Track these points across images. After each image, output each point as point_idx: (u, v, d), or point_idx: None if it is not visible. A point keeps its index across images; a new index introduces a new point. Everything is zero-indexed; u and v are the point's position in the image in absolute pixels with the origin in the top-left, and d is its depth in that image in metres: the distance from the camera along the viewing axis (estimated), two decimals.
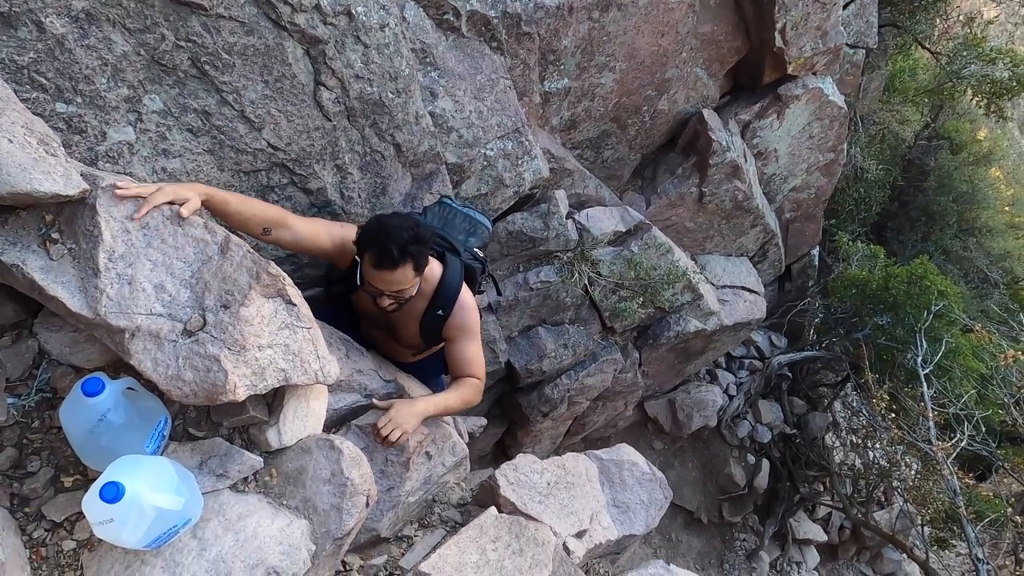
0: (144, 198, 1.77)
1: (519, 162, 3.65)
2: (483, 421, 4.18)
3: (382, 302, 2.31)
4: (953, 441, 5.78)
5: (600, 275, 4.41)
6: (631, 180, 5.32)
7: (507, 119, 3.50)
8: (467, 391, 2.50)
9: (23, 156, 1.56)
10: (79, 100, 2.10)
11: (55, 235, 1.69)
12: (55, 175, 1.60)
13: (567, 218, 4.23)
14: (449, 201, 2.93)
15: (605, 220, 4.40)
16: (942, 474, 5.64)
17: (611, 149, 4.85)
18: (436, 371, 2.98)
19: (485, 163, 3.49)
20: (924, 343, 6.48)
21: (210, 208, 2.04)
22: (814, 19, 4.81)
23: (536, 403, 4.81)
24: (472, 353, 2.54)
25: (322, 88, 2.63)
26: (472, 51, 3.35)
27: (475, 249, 2.84)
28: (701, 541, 7.19)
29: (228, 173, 2.53)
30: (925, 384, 6.25)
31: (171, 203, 1.83)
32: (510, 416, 5.18)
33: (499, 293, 3.70)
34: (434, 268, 2.50)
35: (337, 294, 2.63)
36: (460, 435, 2.89)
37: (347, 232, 2.40)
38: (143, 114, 2.26)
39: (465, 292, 2.55)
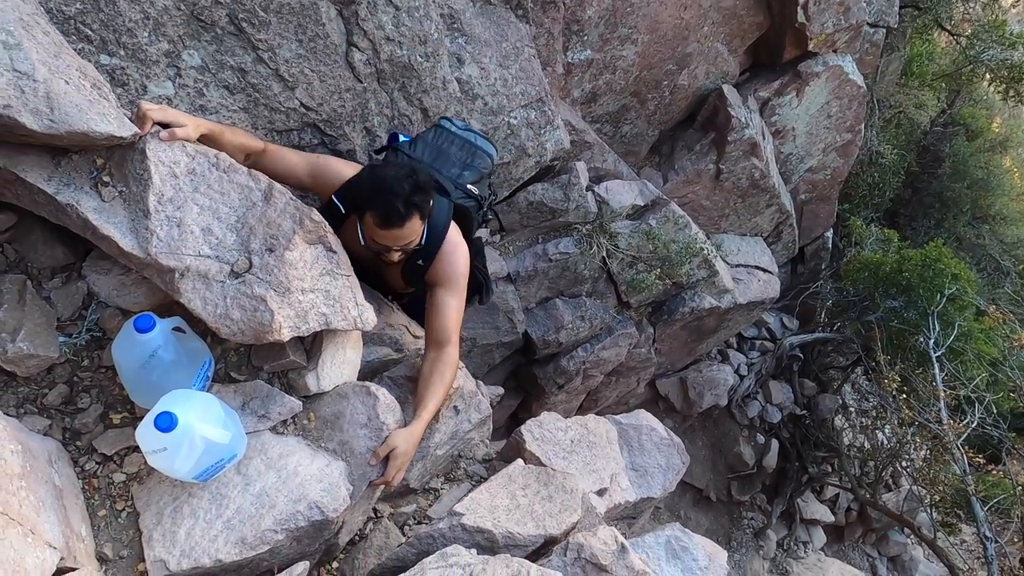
0: (145, 114, 1.77)
1: (541, 132, 3.67)
2: (500, 390, 4.23)
3: (389, 257, 2.17)
4: (964, 422, 5.81)
5: (618, 248, 4.45)
6: (648, 156, 5.34)
7: (531, 88, 3.53)
8: (447, 376, 2.23)
9: (79, 97, 1.60)
10: (122, 53, 2.15)
11: (106, 178, 1.74)
12: (109, 117, 1.64)
13: (586, 190, 4.26)
14: (448, 124, 2.58)
15: (624, 193, 4.42)
16: (952, 454, 5.68)
17: (630, 124, 4.87)
18: None
19: (508, 131, 3.51)
20: (937, 326, 6.49)
21: (206, 142, 1.96)
22: None
23: (552, 375, 4.86)
24: (451, 311, 2.26)
25: (354, 49, 2.67)
26: (498, 18, 3.37)
27: (468, 186, 2.51)
28: (709, 518, 7.26)
29: (262, 131, 2.57)
30: (937, 367, 6.27)
31: (167, 125, 1.81)
32: (525, 388, 5.24)
33: (501, 228, 3.26)
34: None
35: None
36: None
37: (325, 164, 2.24)
38: (182, 69, 2.30)
39: (452, 237, 2.30)
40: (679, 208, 4.70)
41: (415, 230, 2.09)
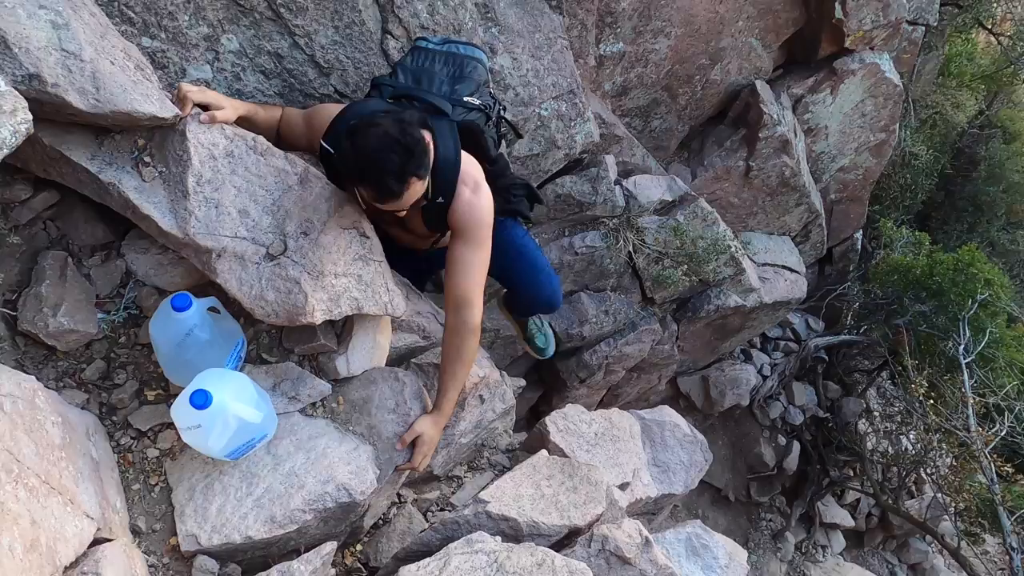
0: (185, 96, 1.79)
1: (571, 124, 3.65)
2: (522, 382, 4.23)
3: (396, 214, 1.96)
4: (993, 430, 5.69)
5: (644, 243, 4.42)
6: (677, 151, 5.29)
7: (562, 79, 3.50)
8: (465, 350, 2.06)
9: (124, 78, 1.63)
10: (163, 36, 2.17)
11: (147, 159, 1.77)
12: (152, 98, 1.67)
13: (615, 184, 4.23)
14: (424, 43, 2.31)
15: (653, 188, 4.39)
16: (979, 463, 5.57)
17: (660, 118, 4.82)
18: None
19: (539, 123, 3.50)
20: (967, 332, 6.36)
21: (243, 124, 1.96)
22: None
23: (574, 368, 4.85)
24: (470, 267, 2.02)
25: (389, 37, 2.67)
26: (532, 8, 3.35)
27: (466, 98, 2.20)
28: (727, 518, 7.21)
29: None
30: (966, 373, 6.15)
31: (206, 107, 1.83)
32: (546, 382, 5.24)
33: (518, 135, 2.80)
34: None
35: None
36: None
37: (315, 112, 2.10)
38: (220, 53, 2.32)
39: (468, 171, 2.04)
40: (707, 204, 4.65)
41: (417, 191, 1.85)
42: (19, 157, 1.67)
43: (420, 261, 2.63)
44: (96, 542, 1.45)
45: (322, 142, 1.99)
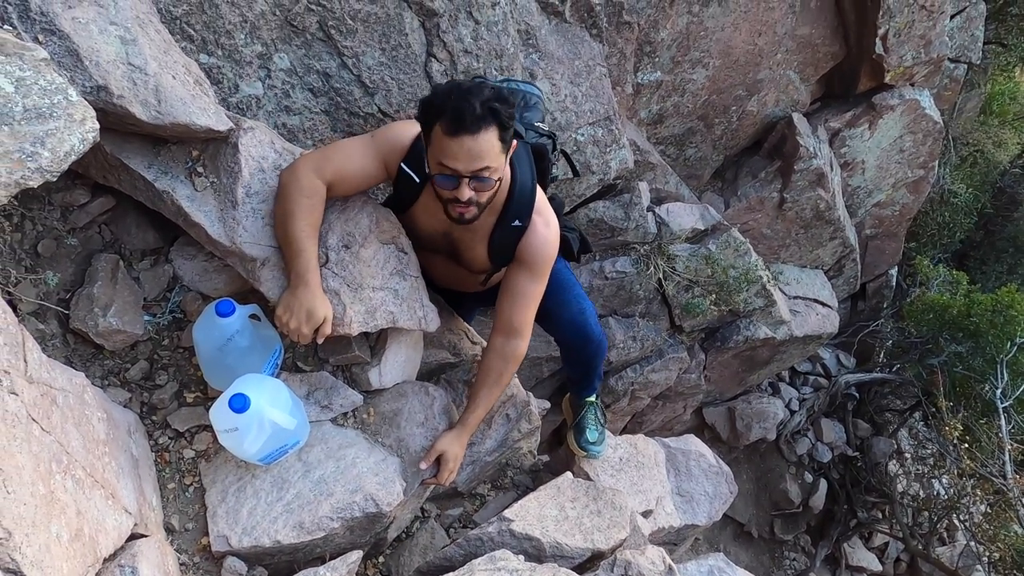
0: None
1: (607, 150, 3.69)
2: (547, 404, 4.22)
3: (461, 194, 1.75)
4: None
5: (675, 271, 4.41)
6: (711, 181, 5.29)
7: (600, 106, 3.55)
8: (506, 375, 2.07)
9: (183, 92, 1.71)
10: (219, 52, 2.27)
11: (200, 169, 1.84)
12: (208, 112, 1.74)
13: (647, 211, 4.25)
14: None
15: (685, 216, 4.39)
16: (1016, 511, 5.38)
17: (695, 147, 4.84)
18: None
19: (575, 148, 3.54)
20: (1006, 375, 6.19)
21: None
22: (919, 27, 4.68)
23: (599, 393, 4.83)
24: (529, 299, 1.99)
25: (433, 60, 2.75)
26: (572, 36, 3.42)
27: (537, 124, 2.21)
28: (749, 555, 7.05)
29: (340, 135, 2.66)
30: (1003, 418, 5.98)
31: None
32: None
33: (575, 173, 2.71)
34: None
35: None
36: None
37: (385, 134, 1.93)
38: (272, 71, 2.42)
39: (543, 205, 1.97)
40: (740, 234, 4.64)
41: (492, 148, 1.69)
42: (81, 163, 1.75)
43: (458, 303, 2.55)
44: (133, 537, 1.49)
45: (402, 165, 1.88)
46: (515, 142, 1.84)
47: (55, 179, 1.32)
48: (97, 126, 1.42)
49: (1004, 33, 6.94)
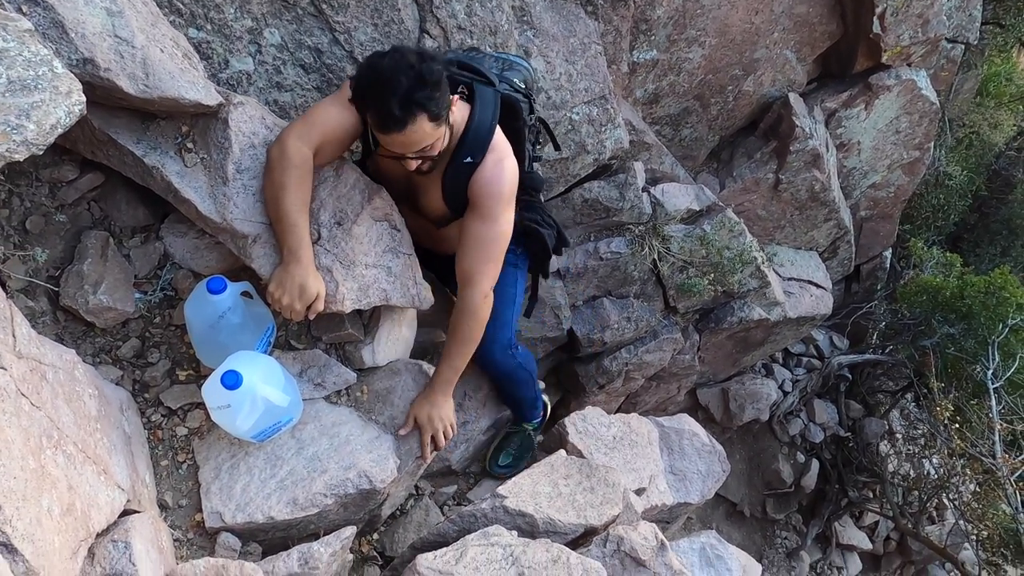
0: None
1: (602, 129, 3.67)
2: (542, 385, 4.24)
3: (408, 165, 1.84)
4: (1020, 458, 5.57)
5: (669, 251, 4.40)
6: (706, 161, 5.27)
7: (595, 85, 3.52)
8: (462, 331, 1.95)
9: (172, 65, 1.68)
10: (209, 27, 2.23)
11: (189, 145, 1.82)
12: (197, 86, 1.72)
13: (642, 191, 4.23)
14: (475, 54, 2.31)
15: (680, 197, 4.38)
16: (1004, 490, 5.45)
17: (690, 128, 4.81)
18: None
19: (569, 127, 3.52)
20: (997, 356, 6.24)
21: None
22: (916, 6, 4.64)
23: (593, 374, 4.84)
24: (478, 242, 1.89)
25: (426, 36, 2.71)
26: (568, 13, 3.38)
27: (515, 81, 2.19)
28: (741, 534, 7.13)
29: None
30: (994, 399, 6.03)
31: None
32: (565, 386, 5.24)
33: (556, 147, 2.73)
34: (461, 110, 1.91)
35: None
36: None
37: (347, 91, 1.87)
38: (263, 46, 2.38)
39: (499, 143, 1.92)
40: (735, 215, 4.63)
41: (424, 132, 1.72)
42: (68, 138, 1.73)
43: (446, 275, 2.44)
44: (126, 512, 1.49)
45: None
46: (461, 104, 1.86)
47: (41, 152, 1.30)
48: (83, 99, 1.40)
49: (1002, 13, 6.89)
